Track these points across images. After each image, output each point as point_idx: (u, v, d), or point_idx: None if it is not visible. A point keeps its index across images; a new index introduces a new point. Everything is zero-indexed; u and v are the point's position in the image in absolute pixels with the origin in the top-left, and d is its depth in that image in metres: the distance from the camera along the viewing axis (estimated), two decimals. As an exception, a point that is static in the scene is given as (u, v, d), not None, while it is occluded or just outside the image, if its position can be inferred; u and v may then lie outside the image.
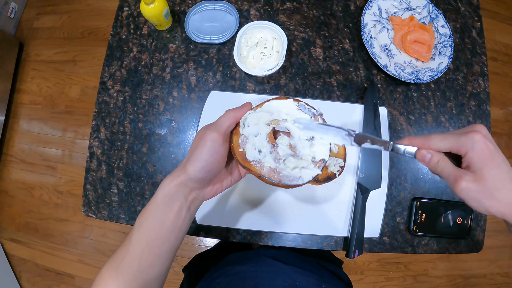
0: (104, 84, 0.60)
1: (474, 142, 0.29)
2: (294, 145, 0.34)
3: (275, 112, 0.35)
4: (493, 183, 0.28)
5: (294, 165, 0.33)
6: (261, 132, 0.34)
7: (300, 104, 0.35)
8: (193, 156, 0.33)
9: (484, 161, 0.28)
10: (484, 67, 0.63)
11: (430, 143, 0.31)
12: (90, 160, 0.58)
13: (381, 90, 0.59)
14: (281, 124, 0.35)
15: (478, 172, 0.28)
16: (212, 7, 0.61)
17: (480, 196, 0.28)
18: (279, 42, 0.55)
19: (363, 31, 0.57)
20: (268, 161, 0.33)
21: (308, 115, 0.35)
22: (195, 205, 0.35)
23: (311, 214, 0.53)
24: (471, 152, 0.29)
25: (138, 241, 0.32)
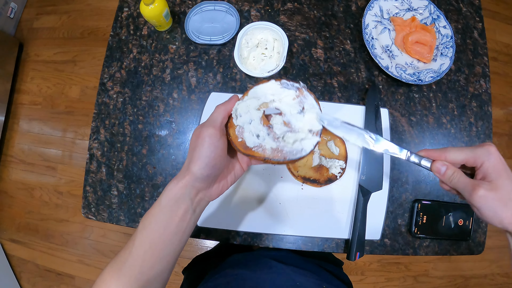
0: (103, 85, 0.60)
1: (490, 154, 0.31)
2: (288, 121, 0.35)
3: (262, 96, 0.36)
4: (508, 193, 0.30)
5: (293, 139, 0.34)
6: (254, 118, 0.34)
7: (282, 82, 0.36)
8: (195, 155, 0.33)
9: (500, 171, 0.31)
10: (485, 68, 0.63)
11: (447, 155, 0.33)
12: (90, 162, 0.58)
13: (382, 91, 0.59)
14: (270, 106, 0.36)
15: (494, 181, 0.30)
16: (212, 8, 0.60)
17: (496, 205, 0.30)
18: (280, 43, 0.55)
19: (364, 32, 0.57)
20: (269, 142, 0.34)
21: (293, 90, 0.35)
22: (201, 206, 0.35)
23: (312, 216, 0.53)
24: (487, 162, 0.31)
25: (141, 243, 0.32)
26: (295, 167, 0.52)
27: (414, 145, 0.58)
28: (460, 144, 0.59)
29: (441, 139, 0.59)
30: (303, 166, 0.52)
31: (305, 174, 0.52)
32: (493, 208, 0.30)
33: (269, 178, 0.53)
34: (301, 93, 0.36)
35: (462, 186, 0.32)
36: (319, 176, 0.52)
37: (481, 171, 0.32)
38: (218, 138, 0.33)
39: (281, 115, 0.35)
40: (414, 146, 0.58)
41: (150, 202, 0.55)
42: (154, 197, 0.55)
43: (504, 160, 0.32)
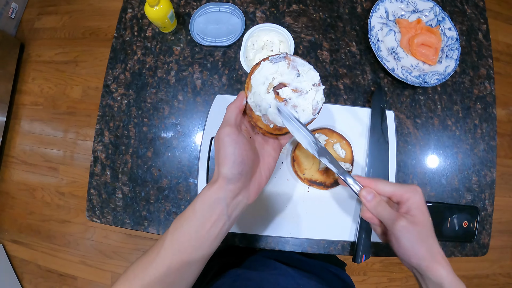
0: (107, 87, 0.60)
1: (416, 192, 0.34)
2: (294, 87, 0.38)
3: (264, 80, 0.38)
4: (425, 230, 0.33)
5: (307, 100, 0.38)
6: (270, 102, 0.37)
7: (271, 59, 0.38)
8: (220, 158, 0.33)
9: (422, 210, 0.34)
10: (490, 70, 0.63)
11: (376, 185, 0.36)
12: (94, 165, 0.58)
13: (388, 94, 0.59)
14: (274, 84, 0.38)
15: (416, 217, 0.33)
16: (217, 9, 0.60)
17: (415, 238, 0.33)
18: (285, 45, 0.54)
19: (370, 34, 0.57)
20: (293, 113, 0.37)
21: (283, 61, 0.38)
22: (238, 210, 0.34)
23: (318, 218, 0.53)
24: (413, 199, 0.34)
25: (170, 246, 0.32)
26: (301, 169, 0.52)
27: (419, 147, 0.58)
28: (465, 146, 0.59)
29: (446, 141, 0.59)
30: (309, 168, 0.52)
31: (311, 177, 0.51)
32: (411, 240, 0.33)
33: (275, 181, 0.53)
34: (289, 59, 0.38)
35: (386, 214, 0.34)
36: (325, 179, 0.52)
37: (405, 205, 0.34)
38: (237, 134, 0.33)
39: (286, 86, 0.38)
40: (419, 148, 0.58)
41: (155, 205, 0.55)
42: (159, 200, 0.55)
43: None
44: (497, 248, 1.38)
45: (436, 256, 0.33)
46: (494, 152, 0.61)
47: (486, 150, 0.60)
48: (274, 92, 0.37)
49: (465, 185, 0.58)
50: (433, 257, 0.33)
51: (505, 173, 1.42)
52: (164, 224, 0.55)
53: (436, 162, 0.58)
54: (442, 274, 0.32)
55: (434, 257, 0.33)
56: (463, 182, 0.58)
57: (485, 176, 0.59)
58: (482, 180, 0.59)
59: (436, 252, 0.33)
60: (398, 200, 0.35)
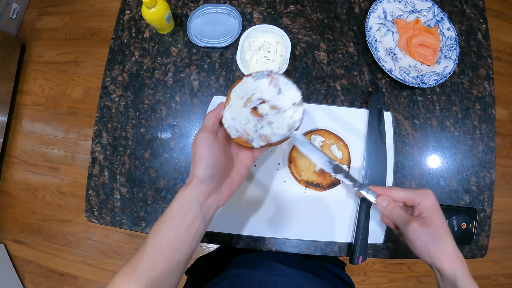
0: (105, 88, 0.60)
1: (427, 195, 0.37)
2: (273, 104, 0.40)
3: (243, 95, 0.39)
4: (438, 231, 0.35)
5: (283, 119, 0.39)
6: (246, 116, 0.38)
7: (254, 75, 0.40)
8: (196, 160, 0.35)
9: (434, 211, 0.36)
10: (489, 70, 0.62)
11: (390, 192, 0.39)
12: (93, 166, 0.58)
13: (385, 95, 0.58)
14: (253, 99, 0.40)
15: (428, 218, 0.35)
16: (214, 10, 0.60)
17: (427, 239, 0.35)
18: (282, 46, 0.54)
19: (367, 34, 0.56)
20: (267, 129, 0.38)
21: (265, 78, 0.40)
22: (211, 212, 0.36)
23: (315, 220, 0.53)
24: (424, 202, 0.36)
25: (151, 249, 0.33)
26: (298, 171, 0.52)
27: (417, 148, 0.57)
28: (464, 147, 0.59)
29: (444, 142, 0.58)
30: (306, 170, 0.52)
31: (308, 178, 0.51)
32: (424, 241, 0.35)
33: (271, 182, 0.53)
34: (272, 77, 0.40)
35: (399, 219, 0.37)
36: (322, 180, 0.51)
37: (418, 208, 0.37)
38: (213, 140, 0.35)
39: (265, 103, 0.39)
40: (417, 150, 0.57)
41: (153, 206, 0.55)
42: (157, 201, 0.55)
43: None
44: (498, 248, 1.37)
45: (451, 255, 0.34)
46: (493, 153, 0.60)
47: (485, 151, 0.60)
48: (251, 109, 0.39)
49: (463, 187, 0.58)
50: (447, 256, 0.34)
51: (506, 173, 1.41)
52: (161, 225, 0.55)
53: (434, 163, 0.58)
54: (457, 273, 0.33)
55: (449, 256, 0.34)
56: (462, 183, 0.58)
57: (484, 178, 0.59)
58: (481, 182, 0.58)
59: (451, 251, 0.34)
60: (411, 204, 0.38)
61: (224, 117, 0.38)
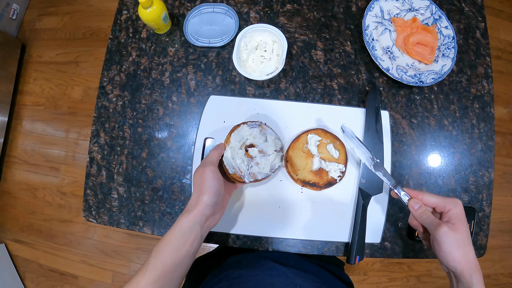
0: (103, 88, 0.60)
1: (457, 204, 0.39)
2: (261, 149, 0.49)
3: (240, 139, 0.49)
4: (463, 238, 0.38)
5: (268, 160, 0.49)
6: (243, 158, 0.48)
7: (249, 124, 0.50)
8: (204, 188, 0.41)
9: (461, 219, 0.39)
10: (488, 68, 0.62)
11: (422, 196, 0.42)
12: (90, 165, 0.58)
13: (383, 93, 0.58)
14: (247, 143, 0.49)
15: (456, 225, 0.38)
16: (211, 10, 0.60)
17: (453, 243, 0.37)
18: (279, 45, 0.54)
19: (364, 33, 0.56)
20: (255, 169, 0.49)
21: (257, 127, 0.50)
22: (207, 231, 0.43)
23: (311, 219, 0.53)
24: (454, 209, 0.39)
25: (154, 267, 0.37)
26: (295, 170, 0.52)
27: (415, 147, 0.57)
28: (462, 146, 0.59)
29: (442, 141, 0.58)
30: (302, 169, 0.52)
31: (305, 178, 0.51)
32: (450, 245, 0.37)
33: (268, 182, 0.53)
34: (262, 127, 0.50)
35: (429, 221, 0.40)
36: (318, 179, 0.51)
37: (447, 215, 0.39)
38: (217, 172, 0.43)
39: (255, 147, 0.49)
40: (415, 149, 0.57)
41: (150, 205, 0.55)
42: (154, 200, 0.55)
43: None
44: (498, 248, 1.36)
45: (471, 263, 0.37)
46: (492, 152, 0.60)
47: (484, 150, 0.59)
48: (246, 150, 0.49)
49: (462, 186, 0.58)
50: (468, 263, 0.37)
51: (507, 172, 1.40)
52: (158, 224, 0.55)
53: (432, 162, 0.57)
54: (474, 281, 0.36)
55: (470, 263, 0.37)
56: (460, 182, 0.57)
57: (483, 177, 0.58)
58: (480, 181, 0.58)
59: (472, 260, 0.37)
60: (441, 211, 0.41)
61: (225, 155, 0.48)
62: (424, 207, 0.41)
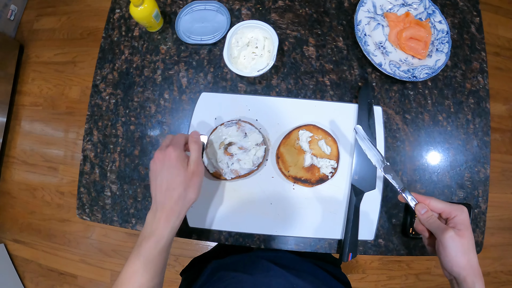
0: (96, 87, 0.60)
1: (463, 211, 0.40)
2: (240, 146, 0.51)
3: (218, 140, 0.51)
4: (468, 244, 0.38)
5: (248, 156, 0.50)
6: (221, 157, 0.51)
7: (225, 124, 0.52)
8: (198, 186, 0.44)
9: (467, 226, 0.39)
10: (483, 63, 0.62)
11: (430, 201, 0.42)
12: (84, 163, 0.58)
13: (376, 89, 0.58)
14: (225, 142, 0.51)
15: (462, 231, 0.39)
16: (203, 8, 0.60)
17: (459, 248, 0.38)
18: (270, 41, 0.54)
19: (356, 28, 0.56)
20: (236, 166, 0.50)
21: (234, 126, 0.51)
22: None
23: (304, 216, 0.52)
24: (460, 216, 0.40)
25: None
26: (286, 166, 0.52)
27: (409, 143, 0.57)
28: (457, 141, 0.58)
29: (437, 136, 0.58)
30: (294, 166, 0.51)
31: (296, 174, 0.51)
32: (456, 250, 0.38)
33: (260, 178, 0.53)
34: (239, 125, 0.51)
35: (435, 226, 0.40)
36: (310, 176, 0.51)
37: (453, 221, 0.40)
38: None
39: (235, 144, 0.51)
40: (409, 144, 0.57)
41: (143, 202, 0.55)
42: (146, 197, 0.55)
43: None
44: (498, 245, 1.35)
45: (474, 269, 0.38)
46: (488, 148, 0.59)
47: (480, 145, 0.59)
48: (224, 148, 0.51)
49: (457, 182, 0.57)
50: (472, 269, 0.38)
51: (506, 169, 1.39)
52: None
53: (426, 158, 0.57)
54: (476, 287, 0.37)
55: (473, 269, 0.38)
56: (455, 178, 0.57)
57: (478, 173, 0.58)
58: (475, 177, 0.58)
59: (475, 266, 0.38)
60: (446, 217, 0.41)
61: (204, 157, 0.50)
62: (430, 212, 0.42)
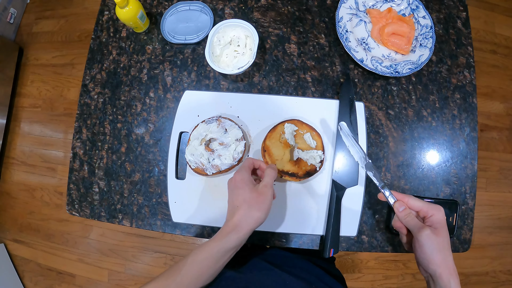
0: (85, 86, 0.61)
1: (440, 211, 0.42)
2: (221, 141, 0.52)
3: (198, 136, 0.51)
4: (444, 242, 0.40)
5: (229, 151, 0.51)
6: (202, 153, 0.51)
7: (206, 121, 0.53)
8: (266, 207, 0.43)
9: (443, 225, 0.41)
10: (470, 58, 0.61)
11: (408, 200, 0.43)
12: (73, 160, 0.59)
13: (358, 85, 0.58)
14: (206, 139, 0.52)
15: (438, 230, 0.40)
16: (187, 8, 0.61)
17: (434, 246, 0.39)
18: (252, 40, 0.55)
19: (338, 25, 0.56)
20: (217, 161, 0.51)
21: (214, 122, 0.52)
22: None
23: (285, 212, 0.53)
24: (437, 215, 0.41)
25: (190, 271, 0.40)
26: (273, 160, 0.52)
27: (392, 139, 0.57)
28: (443, 137, 0.58)
29: (421, 132, 0.58)
30: (280, 159, 0.52)
31: (283, 168, 0.51)
32: (432, 247, 0.39)
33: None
34: (220, 121, 0.52)
35: (413, 224, 0.42)
36: (297, 169, 0.51)
37: (429, 220, 0.41)
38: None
39: (215, 140, 0.52)
40: (392, 140, 0.57)
41: (129, 198, 0.56)
42: (132, 193, 0.56)
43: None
44: (497, 244, 1.34)
45: (450, 268, 0.39)
46: (475, 143, 0.59)
47: (467, 141, 0.58)
48: (205, 146, 0.51)
49: (443, 178, 0.57)
50: (447, 267, 0.39)
51: (504, 168, 1.38)
52: (137, 216, 0.56)
53: (411, 154, 0.57)
54: (452, 285, 0.38)
55: (448, 267, 0.39)
56: (441, 175, 0.57)
57: (465, 169, 0.57)
58: (462, 173, 0.57)
59: (450, 264, 0.39)
60: (424, 215, 0.43)
61: (186, 154, 0.52)
62: (408, 210, 0.43)
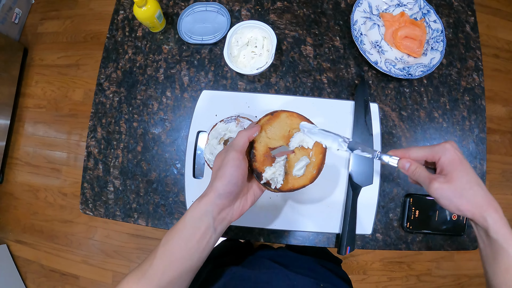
0: (100, 85, 0.62)
1: (446, 150, 0.35)
2: None
3: (217, 135, 0.52)
4: (462, 184, 0.33)
5: None
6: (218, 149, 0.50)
7: (225, 120, 0.52)
8: (219, 174, 0.36)
9: (454, 165, 0.34)
10: (478, 61, 0.63)
11: (410, 153, 0.38)
12: (88, 159, 0.60)
13: (372, 87, 0.59)
14: (225, 138, 0.52)
15: (449, 175, 0.34)
16: (204, 9, 0.62)
17: (451, 195, 0.34)
18: (269, 41, 0.56)
19: (353, 28, 0.57)
20: None
21: (233, 121, 0.52)
22: (223, 225, 0.37)
23: (302, 210, 0.53)
24: (443, 157, 0.35)
25: (161, 256, 0.34)
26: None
27: (405, 139, 0.58)
28: (453, 138, 0.59)
29: (433, 133, 0.59)
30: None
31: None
32: (448, 198, 0.34)
33: (260, 173, 0.54)
34: (238, 120, 0.52)
35: (422, 179, 0.36)
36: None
37: (439, 165, 0.36)
38: (240, 160, 0.36)
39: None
40: (405, 140, 0.58)
41: (145, 197, 0.56)
42: (148, 192, 0.57)
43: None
44: (499, 246, 1.35)
45: (480, 204, 0.33)
46: (484, 144, 0.60)
47: (476, 142, 0.60)
48: (224, 144, 0.51)
49: (454, 178, 0.58)
50: (476, 206, 0.33)
51: (506, 170, 1.39)
52: (153, 216, 0.56)
53: (422, 154, 0.58)
54: (489, 221, 0.32)
55: (478, 205, 0.33)
56: (452, 174, 0.58)
57: (475, 169, 0.59)
58: (472, 173, 0.58)
59: (480, 201, 0.33)
60: (432, 161, 0.37)
61: (204, 152, 0.52)
62: (415, 164, 0.37)
